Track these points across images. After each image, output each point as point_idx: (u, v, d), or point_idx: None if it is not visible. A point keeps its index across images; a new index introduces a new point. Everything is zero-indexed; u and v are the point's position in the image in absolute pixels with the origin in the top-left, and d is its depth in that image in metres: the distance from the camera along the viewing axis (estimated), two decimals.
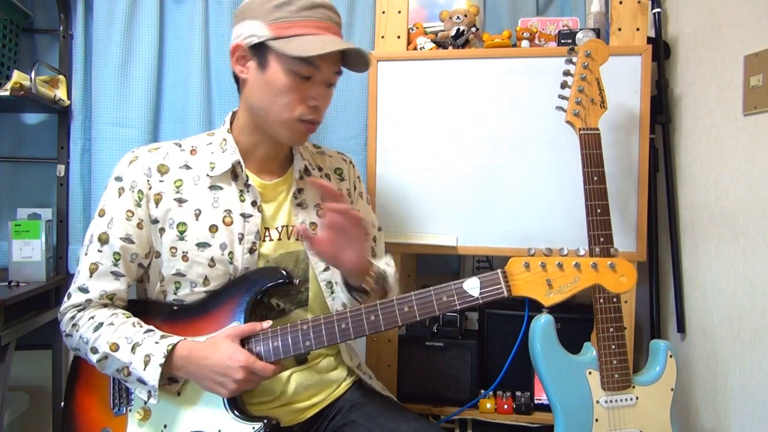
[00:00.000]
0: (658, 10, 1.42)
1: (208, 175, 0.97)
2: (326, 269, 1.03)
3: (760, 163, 1.09)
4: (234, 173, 0.99)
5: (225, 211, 0.96)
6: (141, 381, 0.88)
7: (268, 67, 0.92)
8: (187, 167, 0.98)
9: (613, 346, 1.08)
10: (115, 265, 0.95)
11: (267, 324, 0.91)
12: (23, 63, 1.50)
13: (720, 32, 1.23)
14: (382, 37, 1.39)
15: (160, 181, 0.96)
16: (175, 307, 0.98)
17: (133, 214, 0.95)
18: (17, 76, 1.36)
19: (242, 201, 0.98)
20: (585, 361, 1.10)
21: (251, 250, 0.97)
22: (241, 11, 0.96)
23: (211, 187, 0.97)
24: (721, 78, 1.22)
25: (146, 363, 0.88)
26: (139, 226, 0.96)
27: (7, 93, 1.35)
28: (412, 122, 1.36)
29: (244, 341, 0.90)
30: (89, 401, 0.98)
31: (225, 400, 0.90)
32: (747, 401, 1.13)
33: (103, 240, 0.95)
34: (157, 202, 0.95)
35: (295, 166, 1.04)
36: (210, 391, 0.89)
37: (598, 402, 1.09)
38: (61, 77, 1.54)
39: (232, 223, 0.96)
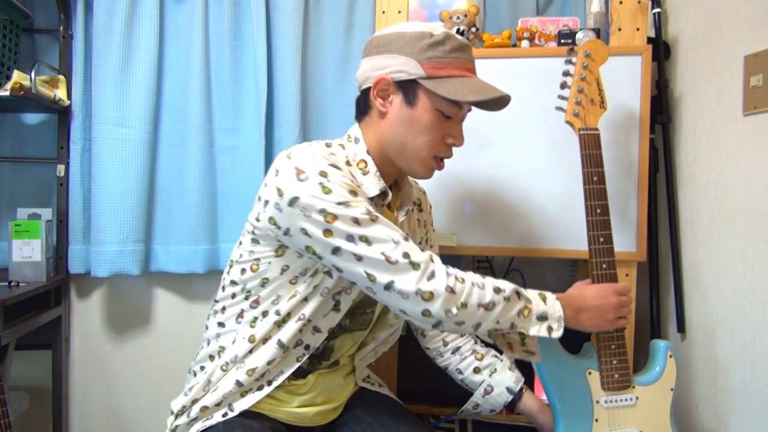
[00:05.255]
0: (658, 10, 1.42)
1: None
2: None
3: (760, 163, 1.09)
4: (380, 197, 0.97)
5: None
6: (543, 317, 0.91)
7: (416, 105, 0.92)
8: (353, 177, 0.94)
9: (613, 347, 1.08)
10: None
11: None
12: (23, 63, 1.50)
13: (720, 32, 1.23)
14: None
15: (352, 181, 0.91)
16: None
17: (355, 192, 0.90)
18: (17, 76, 1.36)
19: None
20: (585, 362, 1.10)
21: None
22: (385, 43, 0.93)
23: None
24: (721, 78, 1.22)
25: (543, 299, 0.93)
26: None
27: (7, 93, 1.35)
28: None
29: None
30: None
31: None
32: (747, 401, 1.13)
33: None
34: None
35: (403, 201, 1.05)
36: (595, 329, 0.99)
37: (598, 402, 1.09)
38: (61, 77, 1.54)
39: None
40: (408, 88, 0.91)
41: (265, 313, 0.95)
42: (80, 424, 1.67)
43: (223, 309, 1.00)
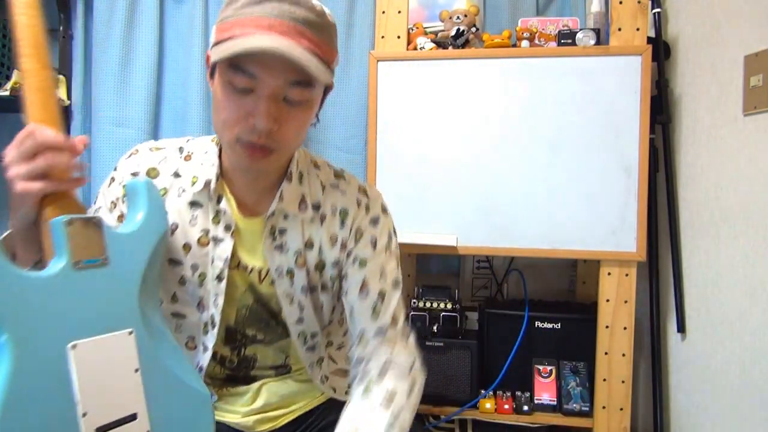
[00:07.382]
0: (658, 10, 1.42)
1: (188, 190, 0.85)
2: (299, 321, 0.90)
3: (760, 163, 1.09)
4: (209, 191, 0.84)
5: (202, 230, 0.84)
6: None
7: (214, 78, 0.76)
8: (177, 175, 0.85)
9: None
10: None
11: None
12: None
13: (720, 32, 1.23)
14: (382, 37, 1.39)
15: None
16: None
17: (115, 206, 0.85)
18: (17, 76, 1.37)
19: (216, 223, 0.84)
20: None
21: (219, 278, 0.84)
22: None
23: (192, 204, 0.84)
24: (721, 78, 1.22)
25: None
26: (120, 219, 0.84)
27: (7, 93, 1.35)
28: (413, 122, 1.37)
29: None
30: None
31: None
32: (747, 401, 1.13)
33: None
34: None
35: (275, 201, 0.83)
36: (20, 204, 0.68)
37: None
38: (61, 77, 1.54)
39: (207, 244, 0.84)
40: (211, 60, 0.75)
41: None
42: None
43: None
